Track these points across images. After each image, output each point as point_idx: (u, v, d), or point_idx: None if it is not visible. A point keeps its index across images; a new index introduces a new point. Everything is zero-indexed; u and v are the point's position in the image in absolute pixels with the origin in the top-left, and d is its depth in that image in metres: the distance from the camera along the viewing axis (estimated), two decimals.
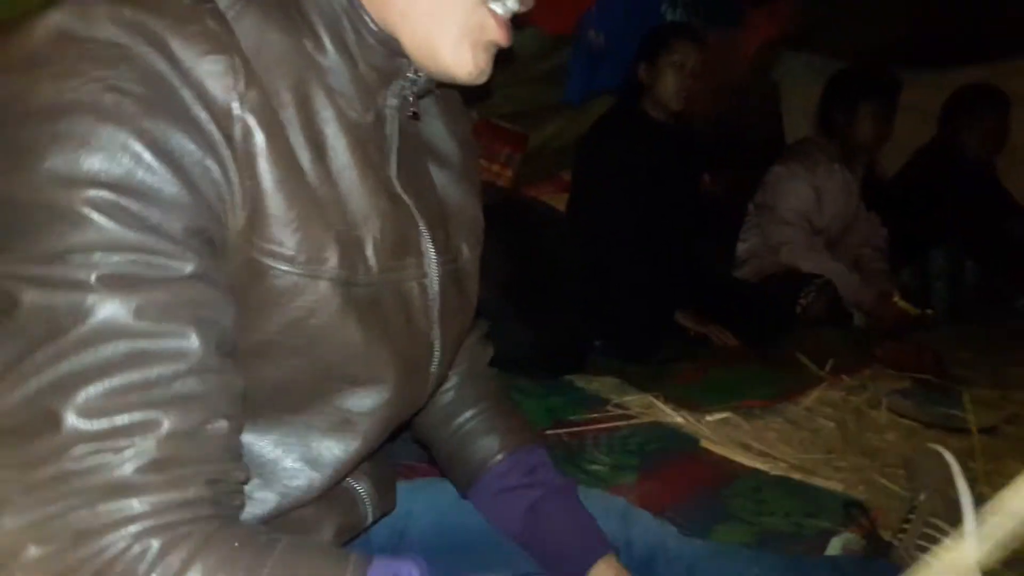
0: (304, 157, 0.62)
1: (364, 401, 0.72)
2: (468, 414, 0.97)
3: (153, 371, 0.52)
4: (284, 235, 0.60)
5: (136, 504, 0.51)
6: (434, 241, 0.77)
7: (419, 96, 0.75)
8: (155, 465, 0.52)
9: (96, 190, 0.51)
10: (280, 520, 0.71)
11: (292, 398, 0.69)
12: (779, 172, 3.17)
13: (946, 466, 1.27)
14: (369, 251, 0.68)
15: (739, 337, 2.65)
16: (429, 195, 0.80)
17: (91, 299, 0.51)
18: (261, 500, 0.68)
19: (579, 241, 2.52)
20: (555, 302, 2.29)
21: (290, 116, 0.62)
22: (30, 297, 0.50)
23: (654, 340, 2.51)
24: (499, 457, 0.95)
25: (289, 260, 0.61)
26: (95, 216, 0.51)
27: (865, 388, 2.27)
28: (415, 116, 0.75)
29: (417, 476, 1.12)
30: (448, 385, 0.97)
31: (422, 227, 0.76)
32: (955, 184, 3.36)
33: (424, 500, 0.98)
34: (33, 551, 0.50)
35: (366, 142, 0.69)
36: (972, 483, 1.23)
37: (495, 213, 2.20)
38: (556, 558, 0.90)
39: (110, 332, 0.51)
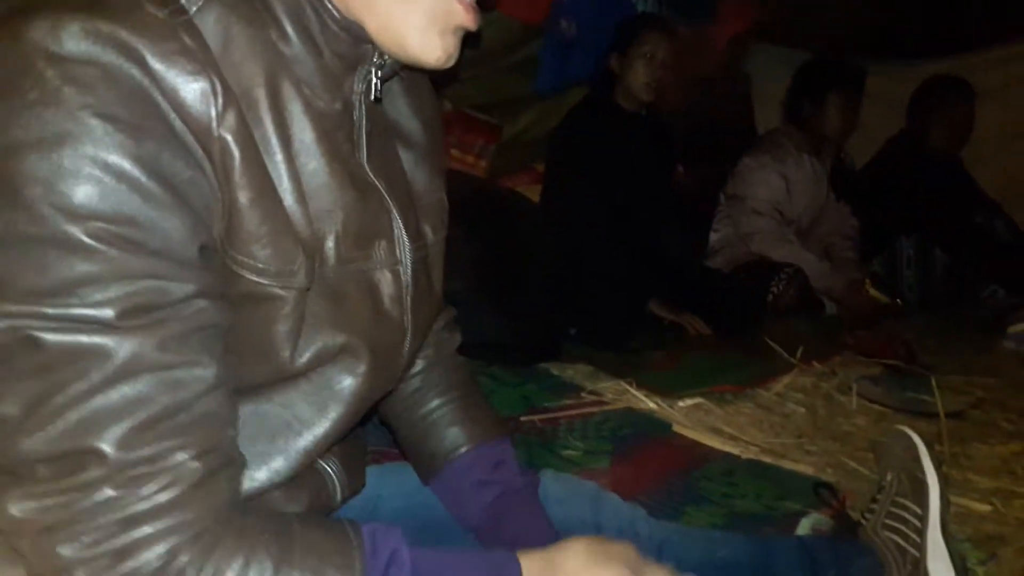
0: (277, 160, 0.63)
1: (333, 388, 0.72)
2: (436, 403, 0.97)
3: (177, 399, 0.56)
4: (255, 249, 0.62)
5: (175, 521, 0.56)
6: (406, 227, 0.77)
7: (384, 80, 0.75)
8: (193, 484, 0.57)
9: (96, 222, 0.52)
10: (250, 503, 0.71)
11: (258, 388, 0.69)
12: (748, 163, 3.20)
13: (913, 448, 1.29)
14: (330, 244, 0.69)
15: (712, 326, 2.67)
16: (400, 180, 0.81)
17: (114, 338, 0.53)
18: None
19: (552, 231, 2.53)
20: (529, 292, 2.30)
21: (263, 114, 0.63)
22: (54, 338, 0.52)
23: (627, 329, 2.52)
24: (463, 450, 0.95)
25: (260, 272, 0.63)
26: (101, 247, 0.52)
27: (835, 374, 2.30)
28: (378, 100, 0.75)
29: (387, 461, 1.11)
30: (415, 370, 0.97)
31: (395, 214, 0.76)
32: (923, 174, 3.41)
33: (393, 484, 0.98)
34: (81, 573, 0.55)
35: (334, 131, 0.70)
36: (939, 466, 1.25)
37: (469, 203, 2.21)
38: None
39: (136, 369, 0.54)
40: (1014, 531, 1.45)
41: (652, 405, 1.94)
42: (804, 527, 1.35)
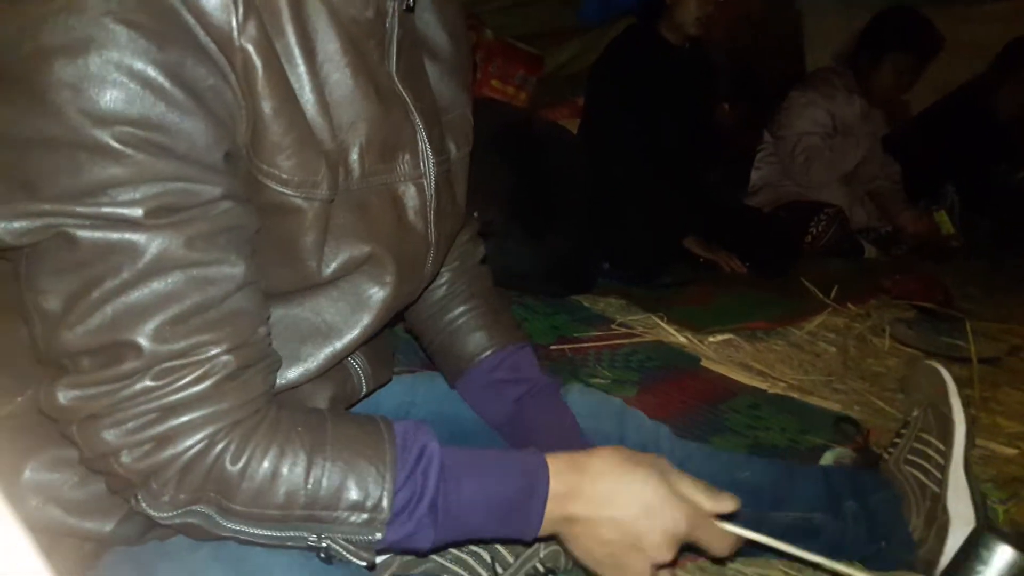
0: (300, 71, 0.64)
1: (361, 297, 0.75)
2: (460, 310, 0.99)
3: (207, 295, 0.59)
4: (280, 159, 0.63)
5: (211, 410, 0.59)
6: (430, 140, 0.78)
7: None
8: (225, 376, 0.60)
9: (123, 127, 0.54)
10: (279, 396, 0.73)
11: (287, 295, 0.72)
12: (796, 97, 3.14)
13: (942, 384, 1.29)
14: (354, 156, 0.70)
15: (747, 264, 2.66)
16: (427, 93, 0.81)
17: (144, 235, 0.56)
18: None
19: (591, 164, 2.52)
20: (564, 224, 2.30)
21: (285, 24, 0.63)
22: (86, 235, 0.55)
23: (661, 264, 2.52)
24: (488, 353, 0.97)
25: (284, 183, 0.64)
26: (128, 151, 0.54)
27: (869, 316, 2.29)
28: (410, 9, 0.75)
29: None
30: (440, 281, 0.99)
31: (420, 127, 0.77)
32: (981, 131, 3.32)
33: (424, 392, 1.02)
34: (125, 456, 0.59)
35: (365, 40, 0.70)
36: (967, 404, 1.25)
37: (509, 134, 2.20)
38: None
39: (166, 265, 0.57)
40: None
41: (682, 339, 1.95)
42: (826, 459, 1.36)
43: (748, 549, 0.82)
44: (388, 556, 0.85)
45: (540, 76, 3.16)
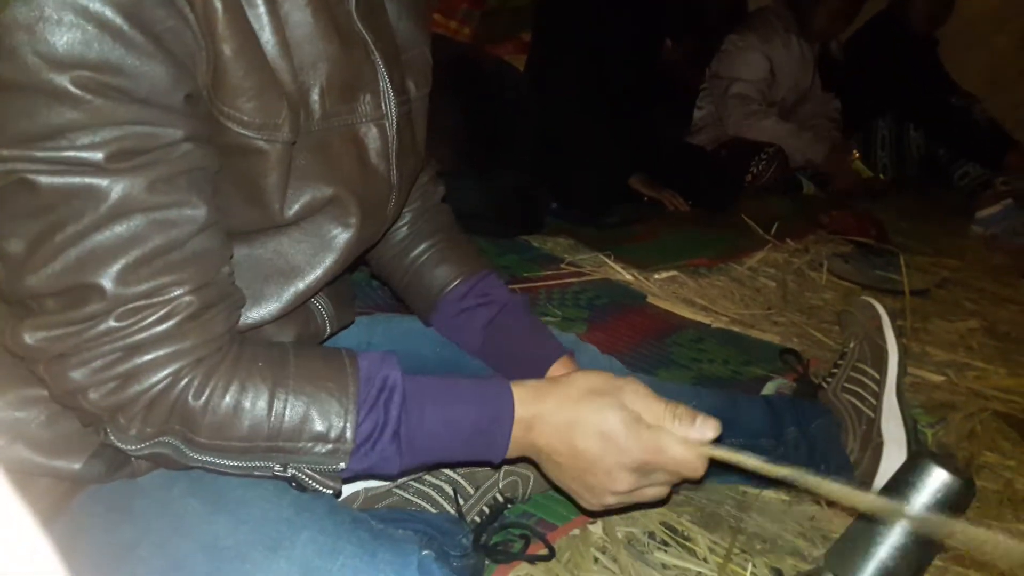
0: (259, 12, 0.64)
1: (325, 238, 0.75)
2: (423, 246, 1.00)
3: (170, 237, 0.60)
4: (240, 102, 0.63)
5: (175, 348, 0.60)
6: (392, 81, 0.78)
7: None
8: (188, 316, 0.61)
9: (81, 71, 0.53)
10: (244, 335, 0.74)
11: (250, 235, 0.72)
12: (735, 41, 3.17)
13: (877, 317, 1.35)
14: (314, 97, 0.70)
15: (691, 202, 2.70)
16: (386, 31, 0.81)
17: (106, 179, 0.55)
18: None
19: (537, 103, 2.51)
20: (512, 162, 2.30)
21: None
22: (47, 180, 0.54)
23: (607, 203, 2.54)
24: (455, 283, 0.99)
25: (245, 125, 0.64)
26: (87, 96, 0.53)
27: (807, 251, 2.36)
28: None
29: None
30: (402, 222, 1.00)
31: (381, 67, 0.77)
32: (900, 53, 3.38)
33: (382, 331, 1.04)
34: (92, 393, 0.60)
35: None
36: (899, 335, 1.31)
37: (453, 71, 2.17)
38: (515, 364, 0.96)
39: (129, 208, 0.57)
40: (964, 399, 1.54)
41: (628, 277, 1.99)
42: (768, 389, 1.42)
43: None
44: (354, 491, 0.87)
45: (484, 10, 3.12)
